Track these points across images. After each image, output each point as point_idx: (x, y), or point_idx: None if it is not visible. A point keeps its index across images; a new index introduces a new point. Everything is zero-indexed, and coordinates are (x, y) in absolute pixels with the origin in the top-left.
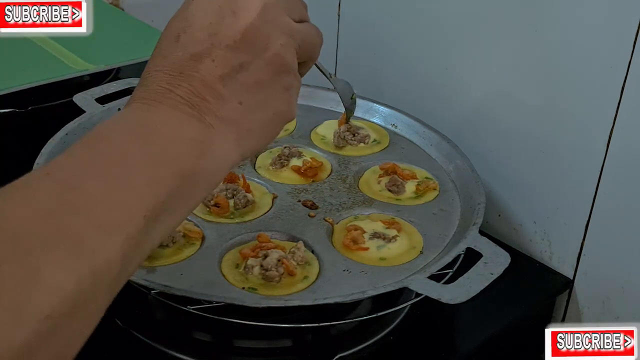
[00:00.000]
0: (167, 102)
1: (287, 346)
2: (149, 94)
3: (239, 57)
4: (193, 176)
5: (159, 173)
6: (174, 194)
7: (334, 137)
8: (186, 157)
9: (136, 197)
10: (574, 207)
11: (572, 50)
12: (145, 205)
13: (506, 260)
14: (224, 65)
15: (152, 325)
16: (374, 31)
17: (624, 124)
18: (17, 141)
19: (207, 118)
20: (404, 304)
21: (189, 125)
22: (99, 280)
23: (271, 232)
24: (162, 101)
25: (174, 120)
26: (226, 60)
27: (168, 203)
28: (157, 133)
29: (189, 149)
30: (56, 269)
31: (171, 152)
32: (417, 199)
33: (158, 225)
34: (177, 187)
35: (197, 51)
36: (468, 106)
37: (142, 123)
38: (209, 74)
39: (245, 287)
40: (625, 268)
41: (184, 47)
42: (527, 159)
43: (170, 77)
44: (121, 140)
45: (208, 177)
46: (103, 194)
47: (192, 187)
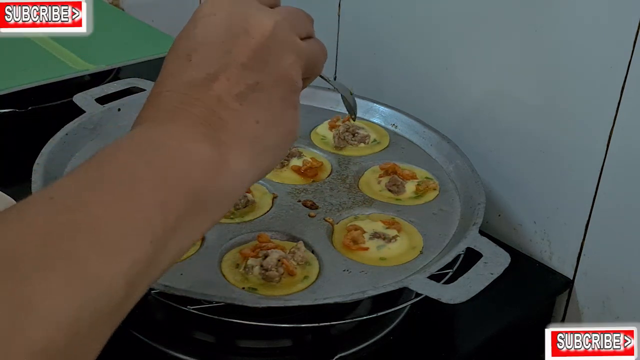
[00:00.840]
0: (182, 121)
1: (287, 346)
2: (161, 114)
3: (253, 75)
4: (206, 197)
5: (168, 195)
6: (185, 217)
7: (334, 138)
8: (199, 177)
9: (143, 221)
10: (574, 207)
11: (572, 50)
12: (152, 229)
13: (506, 260)
14: (240, 84)
15: (152, 325)
16: (374, 31)
17: (624, 124)
18: (17, 141)
19: (223, 137)
20: (404, 304)
21: (204, 144)
22: (100, 310)
23: (271, 232)
24: (176, 120)
25: (187, 139)
26: (241, 79)
27: (178, 226)
28: (169, 153)
29: (202, 169)
30: (53, 297)
31: (182, 173)
32: (417, 199)
33: (167, 249)
34: (188, 209)
35: (211, 70)
36: (468, 106)
37: (153, 142)
38: (225, 93)
39: (245, 287)
40: (625, 268)
41: (197, 67)
42: (527, 159)
43: (184, 96)
44: (129, 160)
45: (223, 197)
46: (107, 217)
47: (204, 209)
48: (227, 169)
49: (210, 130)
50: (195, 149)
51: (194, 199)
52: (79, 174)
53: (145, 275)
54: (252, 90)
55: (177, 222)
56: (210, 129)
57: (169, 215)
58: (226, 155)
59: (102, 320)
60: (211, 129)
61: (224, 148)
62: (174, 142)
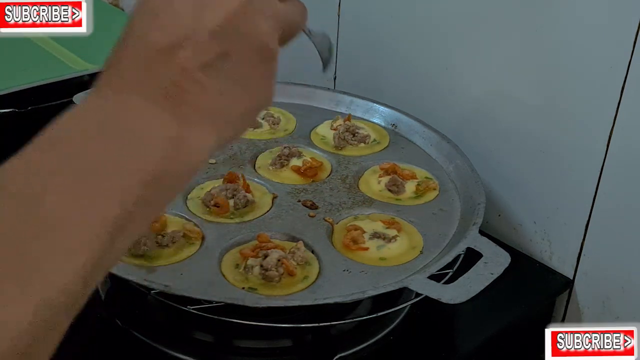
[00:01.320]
0: (141, 92)
1: (287, 346)
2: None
3: (222, 44)
4: (164, 179)
5: (127, 182)
6: (143, 202)
7: (334, 137)
8: (158, 159)
9: (101, 213)
10: (574, 207)
11: (572, 50)
12: (111, 220)
13: (506, 260)
14: (207, 52)
15: (152, 325)
16: (374, 31)
17: (624, 124)
18: (17, 141)
19: (184, 110)
20: (404, 304)
21: (163, 121)
22: (58, 309)
23: (271, 232)
24: (136, 91)
25: (146, 116)
26: (209, 47)
27: (136, 212)
28: (128, 133)
29: (162, 150)
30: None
31: (142, 157)
32: (417, 199)
33: (123, 237)
34: (146, 194)
35: (177, 35)
36: (468, 106)
37: (112, 118)
38: (189, 62)
39: (245, 287)
40: (625, 268)
41: (162, 29)
42: (527, 159)
43: (145, 62)
44: (86, 141)
45: (181, 176)
46: (64, 212)
47: (162, 190)
48: (188, 146)
49: (171, 103)
50: (156, 128)
51: (153, 183)
52: (33, 156)
53: (102, 266)
54: (220, 60)
55: (135, 208)
56: (171, 102)
57: (127, 204)
58: (187, 132)
59: (61, 316)
60: (172, 102)
61: (185, 123)
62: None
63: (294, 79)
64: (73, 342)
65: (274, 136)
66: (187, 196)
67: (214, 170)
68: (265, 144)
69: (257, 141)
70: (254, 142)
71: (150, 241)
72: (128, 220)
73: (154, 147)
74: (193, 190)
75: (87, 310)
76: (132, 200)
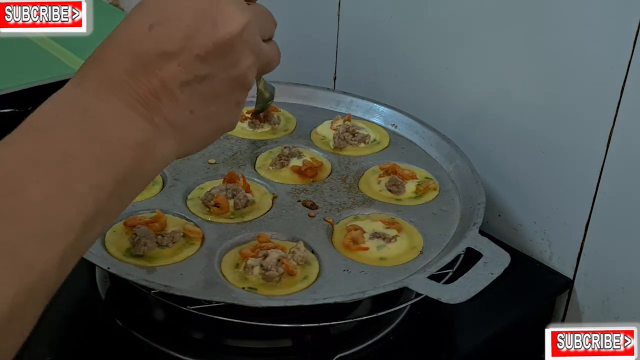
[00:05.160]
0: (121, 95)
1: (287, 346)
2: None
3: (205, 69)
4: (132, 179)
5: (102, 177)
6: (113, 197)
7: (334, 138)
8: (129, 161)
9: (78, 204)
10: (574, 207)
11: (572, 50)
12: (86, 212)
13: (506, 260)
14: (189, 72)
15: (152, 325)
16: (374, 31)
17: (624, 124)
18: None
19: (156, 119)
20: (404, 304)
21: (138, 126)
22: (35, 293)
23: (271, 232)
24: (116, 93)
25: (124, 120)
26: (192, 68)
27: (106, 206)
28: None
29: (134, 153)
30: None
31: (116, 156)
32: (417, 199)
33: (93, 228)
34: (116, 190)
35: (166, 50)
36: (468, 106)
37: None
38: (171, 77)
39: (245, 287)
40: (625, 268)
41: (154, 41)
42: (527, 159)
43: (131, 66)
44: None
45: (145, 178)
46: (44, 200)
47: (128, 189)
48: (154, 153)
49: (147, 110)
50: (131, 131)
51: (123, 181)
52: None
53: (75, 254)
54: (199, 82)
55: (106, 203)
56: (147, 109)
57: (100, 198)
58: (155, 139)
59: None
60: (147, 110)
61: (155, 132)
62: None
63: (294, 80)
64: (73, 342)
65: (274, 136)
66: (187, 196)
67: (214, 170)
68: (266, 144)
69: (257, 141)
70: (254, 142)
71: (150, 241)
72: (99, 214)
73: (127, 150)
74: (193, 190)
75: (87, 310)
76: (105, 196)
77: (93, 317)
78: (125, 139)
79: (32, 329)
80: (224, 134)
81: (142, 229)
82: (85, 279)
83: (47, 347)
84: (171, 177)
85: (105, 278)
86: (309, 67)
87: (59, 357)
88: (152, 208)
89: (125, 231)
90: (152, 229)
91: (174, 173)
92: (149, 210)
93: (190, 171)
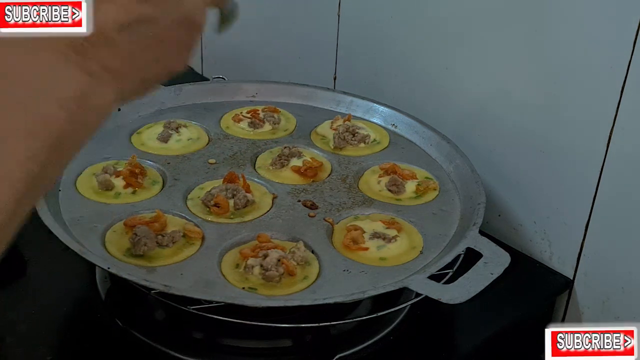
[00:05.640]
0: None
1: (287, 346)
2: None
3: (146, 9)
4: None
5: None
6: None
7: (334, 137)
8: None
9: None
10: (574, 207)
11: (572, 50)
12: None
13: (506, 260)
14: (128, 14)
15: (152, 325)
16: (374, 31)
17: (624, 124)
18: None
19: (92, 66)
20: (404, 304)
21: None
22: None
23: (271, 232)
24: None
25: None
26: (131, 9)
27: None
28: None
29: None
30: None
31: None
32: (417, 199)
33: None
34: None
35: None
36: (468, 106)
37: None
38: (107, 20)
39: (245, 287)
40: (625, 268)
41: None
42: (527, 159)
43: None
44: None
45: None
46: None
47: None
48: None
49: (80, 57)
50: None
51: (58, 145)
52: None
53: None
54: (140, 24)
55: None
56: (80, 56)
57: (33, 168)
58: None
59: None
60: (80, 56)
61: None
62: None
63: (294, 80)
64: (73, 341)
65: (274, 136)
66: (187, 196)
67: (214, 170)
68: (266, 144)
69: (257, 141)
70: (254, 142)
71: (150, 241)
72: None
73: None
74: (193, 190)
75: (87, 310)
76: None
77: (93, 317)
78: (56, 97)
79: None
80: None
81: (142, 229)
82: (85, 279)
83: (47, 347)
84: (171, 177)
85: (105, 278)
86: (309, 67)
87: (59, 357)
88: (152, 208)
89: (126, 231)
90: (152, 229)
91: (174, 173)
92: (149, 210)
93: (190, 171)
